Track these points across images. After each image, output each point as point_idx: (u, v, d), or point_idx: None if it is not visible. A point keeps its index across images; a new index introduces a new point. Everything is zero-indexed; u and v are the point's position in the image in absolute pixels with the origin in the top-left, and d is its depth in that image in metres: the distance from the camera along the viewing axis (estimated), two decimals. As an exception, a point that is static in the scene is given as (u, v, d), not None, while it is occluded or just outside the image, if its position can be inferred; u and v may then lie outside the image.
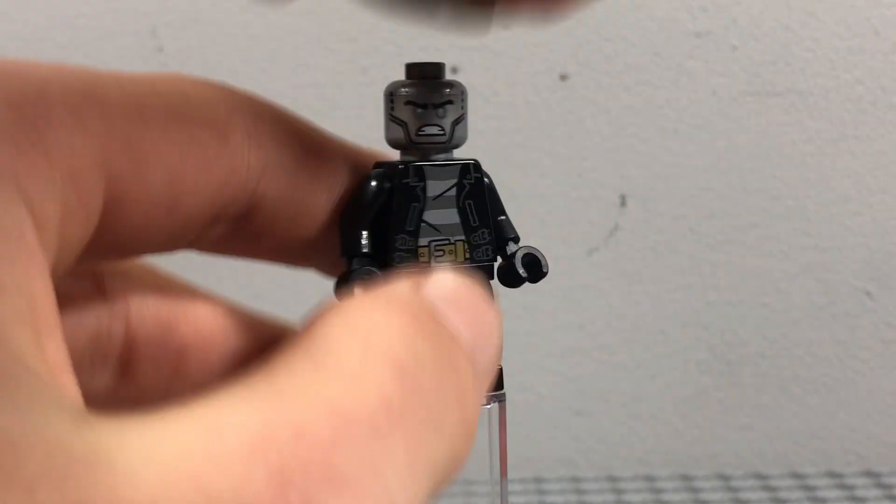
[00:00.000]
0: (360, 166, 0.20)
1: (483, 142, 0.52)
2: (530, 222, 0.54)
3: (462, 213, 0.19)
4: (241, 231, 0.19)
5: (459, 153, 0.20)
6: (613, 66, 0.53)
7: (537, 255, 0.20)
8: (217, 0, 0.52)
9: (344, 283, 0.19)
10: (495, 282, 0.20)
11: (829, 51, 0.53)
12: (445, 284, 0.16)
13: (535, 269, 0.20)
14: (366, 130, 0.44)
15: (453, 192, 0.19)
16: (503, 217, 0.20)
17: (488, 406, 0.20)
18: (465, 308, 0.16)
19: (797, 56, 0.53)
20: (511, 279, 0.20)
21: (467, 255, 0.20)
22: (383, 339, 0.14)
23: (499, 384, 0.20)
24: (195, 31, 0.52)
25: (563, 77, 0.53)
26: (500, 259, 0.20)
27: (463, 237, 0.20)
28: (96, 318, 0.18)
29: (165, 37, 0.52)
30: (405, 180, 0.19)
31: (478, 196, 0.20)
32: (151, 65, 0.51)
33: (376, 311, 0.15)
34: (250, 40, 0.52)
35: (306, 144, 0.19)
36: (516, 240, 0.20)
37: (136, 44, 0.51)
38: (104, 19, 0.51)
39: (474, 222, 0.19)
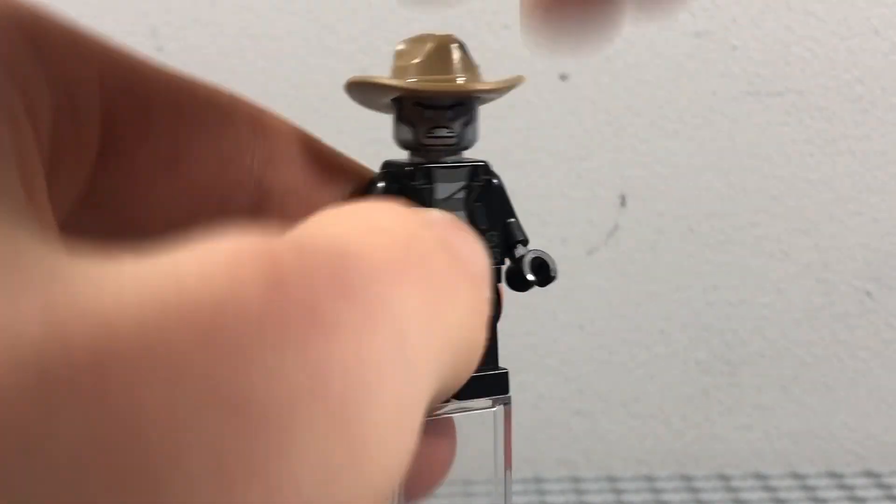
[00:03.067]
0: (366, 174, 0.19)
1: (483, 142, 0.52)
2: (530, 222, 0.53)
3: (470, 215, 0.19)
4: None
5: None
6: (613, 66, 0.53)
7: (546, 258, 0.20)
8: (217, 0, 0.52)
9: None
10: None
11: (829, 51, 0.53)
12: (433, 216, 0.15)
13: (543, 272, 0.19)
14: (366, 130, 0.44)
15: (462, 194, 0.19)
16: (513, 220, 0.20)
17: (493, 409, 0.19)
18: (457, 233, 0.15)
19: (797, 56, 0.53)
20: (518, 283, 0.19)
21: None
22: (380, 221, 0.13)
23: (504, 388, 0.19)
24: (195, 31, 0.52)
25: (563, 77, 0.53)
26: (508, 262, 0.20)
27: None
28: None
29: (165, 37, 0.52)
30: (413, 182, 0.18)
31: (487, 198, 0.19)
32: (151, 65, 0.51)
33: (369, 205, 0.14)
34: (250, 40, 0.52)
35: (313, 149, 0.18)
36: (525, 243, 0.20)
37: (136, 44, 0.51)
38: (104, 19, 0.51)
39: (483, 224, 0.19)
